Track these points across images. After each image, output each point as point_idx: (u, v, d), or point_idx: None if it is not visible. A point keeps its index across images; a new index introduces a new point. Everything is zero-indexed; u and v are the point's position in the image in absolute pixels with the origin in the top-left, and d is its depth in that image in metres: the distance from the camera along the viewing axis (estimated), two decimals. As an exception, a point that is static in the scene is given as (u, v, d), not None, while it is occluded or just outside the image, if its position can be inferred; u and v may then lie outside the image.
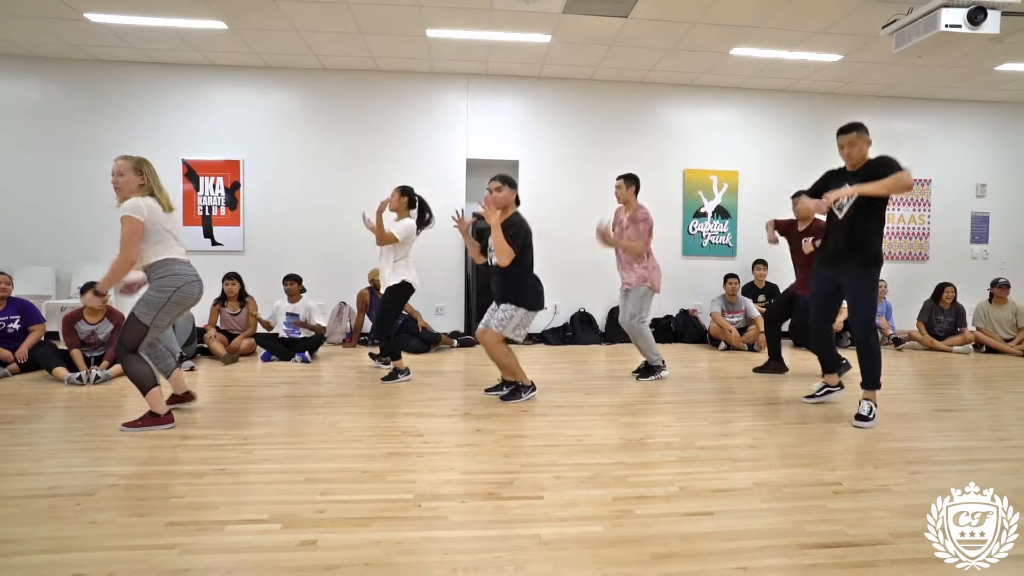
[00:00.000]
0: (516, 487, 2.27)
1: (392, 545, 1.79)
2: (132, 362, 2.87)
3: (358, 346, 5.80)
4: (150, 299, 2.83)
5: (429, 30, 4.96)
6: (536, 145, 6.22)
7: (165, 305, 2.84)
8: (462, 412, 3.39)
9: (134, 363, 2.88)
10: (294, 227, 6.02)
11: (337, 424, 3.09)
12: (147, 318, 2.83)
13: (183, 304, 2.90)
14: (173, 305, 2.86)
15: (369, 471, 2.42)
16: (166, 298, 2.83)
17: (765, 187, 6.56)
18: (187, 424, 3.04)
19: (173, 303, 2.86)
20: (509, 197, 3.50)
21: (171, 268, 2.85)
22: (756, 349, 5.70)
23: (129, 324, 2.85)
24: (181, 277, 2.87)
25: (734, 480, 2.36)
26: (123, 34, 5.03)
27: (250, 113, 5.93)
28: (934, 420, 3.30)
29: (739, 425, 3.16)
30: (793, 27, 4.81)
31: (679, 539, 1.85)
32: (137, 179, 2.88)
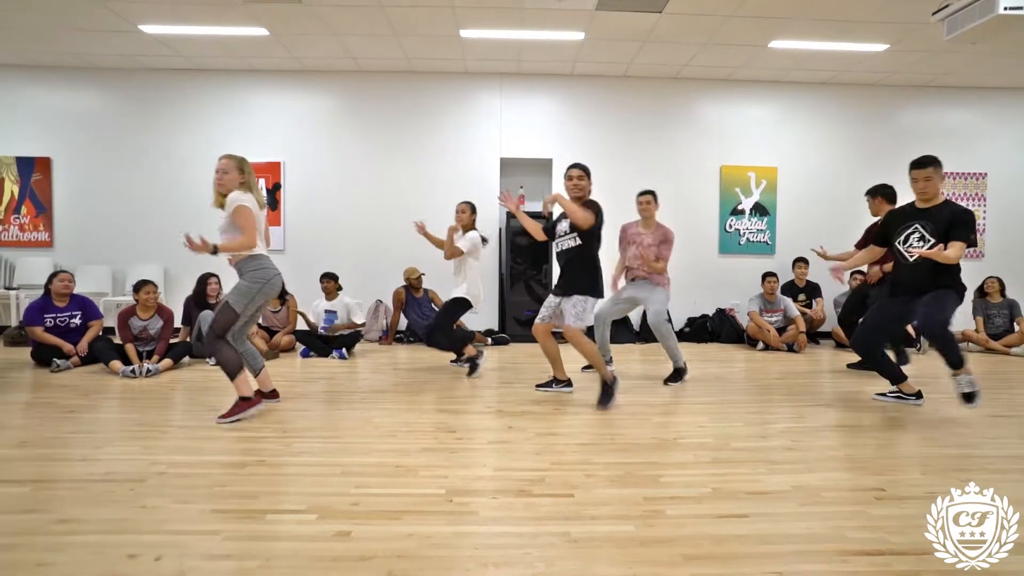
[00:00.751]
0: (547, 484, 2.27)
1: (424, 539, 1.82)
2: (221, 348, 3.05)
3: (394, 343, 5.91)
4: (244, 289, 3.01)
5: (462, 30, 5.01)
6: (570, 143, 6.20)
7: (256, 296, 3.04)
8: (495, 409, 3.41)
9: (223, 349, 3.05)
10: (332, 226, 6.17)
11: (372, 419, 3.16)
12: (240, 306, 3.01)
13: (268, 296, 3.10)
14: (261, 296, 3.07)
15: (403, 466, 2.47)
16: (257, 289, 3.03)
17: (806, 183, 6.36)
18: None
19: (262, 294, 3.06)
20: (589, 187, 3.56)
21: (261, 263, 3.06)
22: (796, 350, 5.53)
23: (222, 311, 3.02)
24: (270, 271, 3.08)
25: (770, 483, 2.30)
26: (171, 43, 5.27)
27: (290, 116, 6.11)
28: (988, 426, 3.14)
29: (776, 427, 3.09)
30: (835, 17, 4.64)
31: (711, 541, 1.83)
32: (239, 177, 3.05)
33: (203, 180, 6.06)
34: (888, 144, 6.40)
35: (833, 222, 6.41)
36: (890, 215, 3.46)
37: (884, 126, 6.40)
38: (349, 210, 6.15)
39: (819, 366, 4.95)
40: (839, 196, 6.41)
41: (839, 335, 5.75)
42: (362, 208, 6.15)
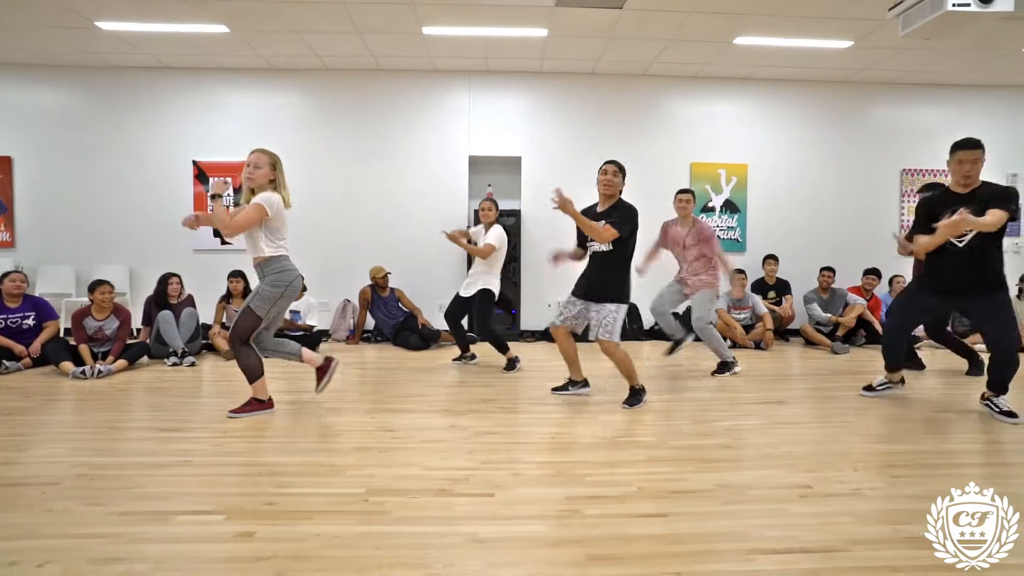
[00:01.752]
0: (471, 484, 2.25)
1: (328, 539, 1.79)
2: (245, 353, 3.03)
3: (361, 343, 5.87)
4: (266, 294, 2.97)
5: (425, 27, 4.97)
6: (539, 141, 6.17)
7: (279, 300, 3.00)
8: (442, 409, 3.38)
9: (247, 354, 3.04)
10: (301, 225, 6.07)
11: (314, 419, 3.13)
12: (263, 311, 2.98)
13: (291, 298, 3.08)
14: (284, 300, 3.03)
15: (330, 465, 2.44)
16: (279, 293, 2.99)
17: (776, 180, 6.34)
18: (171, 418, 3.12)
19: (285, 298, 3.03)
20: (621, 185, 3.41)
21: (284, 264, 3.01)
22: (763, 347, 5.52)
23: (244, 316, 2.98)
24: (292, 273, 3.04)
25: (697, 481, 2.28)
26: (132, 40, 5.21)
27: (257, 114, 6.05)
28: (932, 423, 3.13)
29: (721, 424, 3.06)
30: (796, 13, 4.62)
31: (621, 541, 1.80)
32: (270, 173, 3.01)
33: (169, 179, 6.03)
34: (858, 141, 6.40)
35: (804, 219, 6.41)
36: (930, 200, 3.20)
37: (854, 123, 6.40)
38: (317, 208, 6.09)
39: (782, 364, 4.94)
40: (810, 193, 6.40)
41: (808, 333, 5.74)
42: (330, 207, 6.10)
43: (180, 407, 3.35)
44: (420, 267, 6.12)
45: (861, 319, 5.73)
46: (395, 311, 5.72)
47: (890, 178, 6.42)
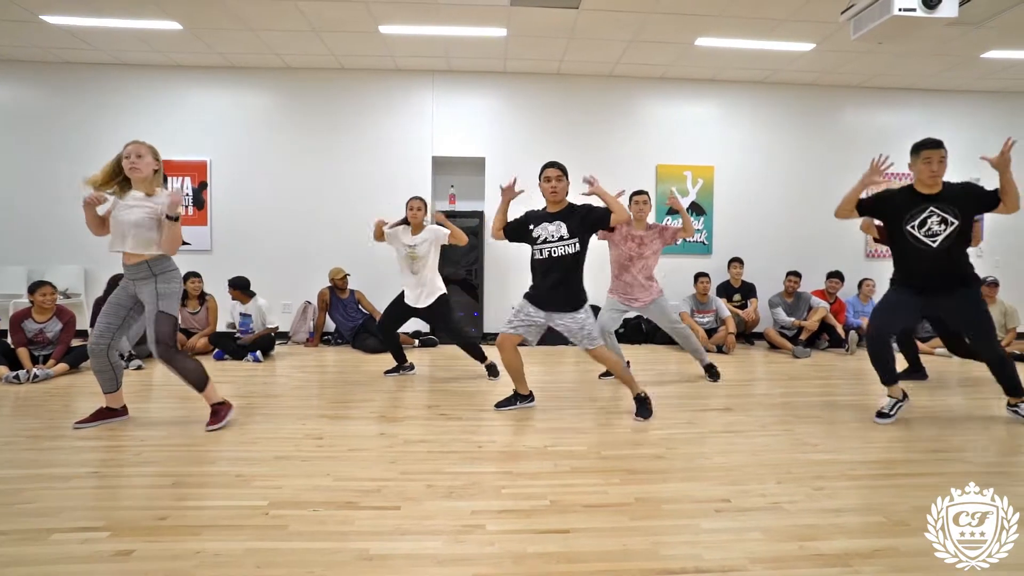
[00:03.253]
0: (381, 496, 2.18)
1: (210, 556, 1.72)
2: (181, 360, 2.96)
3: (321, 345, 5.78)
4: (169, 292, 2.92)
5: (382, 26, 4.89)
6: (503, 141, 6.11)
7: (178, 296, 2.99)
8: (378, 416, 3.31)
9: (183, 360, 2.97)
10: (260, 226, 6.03)
11: (244, 425, 3.05)
12: (173, 309, 2.94)
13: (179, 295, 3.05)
14: (179, 296, 3.01)
15: (242, 475, 2.37)
16: (178, 288, 2.98)
17: (743, 182, 6.32)
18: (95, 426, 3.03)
19: (179, 294, 3.01)
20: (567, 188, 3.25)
21: (172, 263, 2.99)
22: (725, 351, 5.48)
23: (161, 321, 2.87)
24: (179, 271, 3.04)
25: (616, 494, 2.23)
26: (83, 35, 5.09)
27: (217, 113, 5.95)
28: (875, 430, 3.09)
29: (659, 433, 3.01)
30: (754, 15, 4.59)
31: (513, 559, 1.74)
32: (154, 164, 2.90)
33: (127, 178, 5.90)
34: (825, 144, 6.39)
35: (770, 221, 6.39)
36: (888, 197, 3.13)
37: (821, 126, 6.38)
38: (277, 209, 6.01)
39: (741, 368, 4.90)
40: (776, 195, 6.38)
41: (771, 337, 5.71)
42: (291, 207, 6.01)
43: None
44: (382, 269, 6.02)
45: (825, 323, 5.71)
46: (354, 313, 5.64)
47: (856, 181, 6.39)
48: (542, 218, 3.26)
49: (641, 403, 3.28)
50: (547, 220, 3.23)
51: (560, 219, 3.21)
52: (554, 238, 3.18)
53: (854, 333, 5.52)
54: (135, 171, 2.84)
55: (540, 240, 3.22)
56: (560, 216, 3.22)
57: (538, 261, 3.25)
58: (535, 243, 3.24)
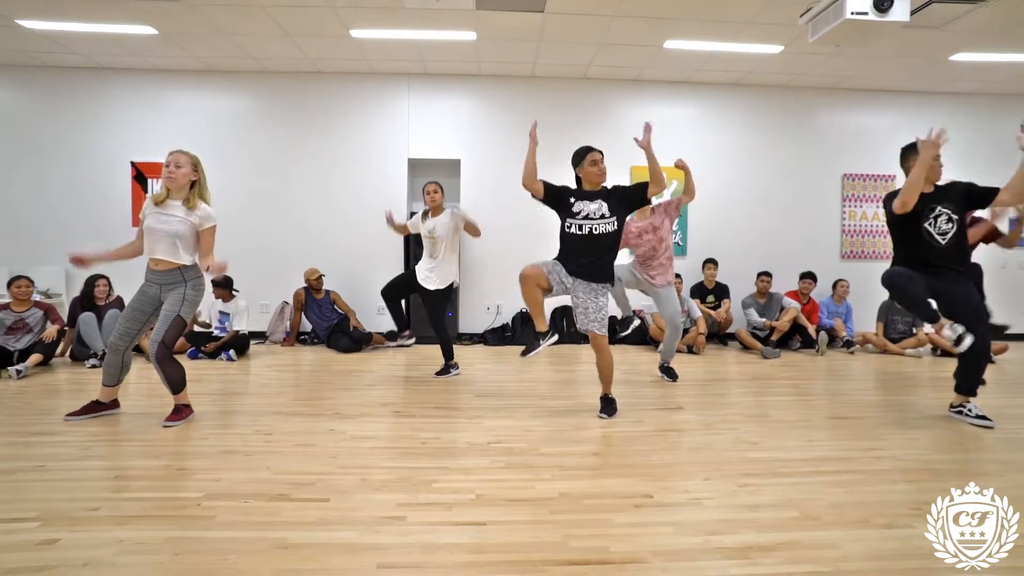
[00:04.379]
0: (314, 488, 2.25)
1: (130, 545, 1.79)
2: (172, 365, 3.04)
3: (297, 344, 5.86)
4: (192, 299, 3.04)
5: (352, 30, 4.96)
6: (479, 144, 6.18)
7: (197, 304, 3.11)
8: (333, 412, 3.38)
9: (174, 366, 3.06)
10: (240, 227, 6.08)
11: (199, 421, 3.12)
12: (189, 317, 3.06)
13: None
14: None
15: (185, 469, 2.44)
16: (200, 297, 3.10)
17: (718, 184, 6.36)
18: (52, 421, 3.10)
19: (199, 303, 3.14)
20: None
21: (199, 271, 3.10)
22: (695, 351, 5.53)
23: (175, 325, 2.98)
24: (205, 280, 3.17)
25: (542, 490, 2.28)
26: (61, 40, 5.18)
27: (196, 115, 6.04)
28: (821, 428, 3.14)
29: (603, 431, 3.06)
30: (717, 18, 4.64)
31: (421, 549, 1.80)
32: (192, 174, 3.00)
33: (107, 180, 5.99)
34: (800, 146, 6.44)
35: (745, 223, 6.43)
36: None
37: (796, 128, 6.43)
38: (256, 211, 6.09)
39: (708, 368, 4.96)
40: (752, 197, 6.43)
41: (743, 337, 5.76)
42: (270, 209, 6.10)
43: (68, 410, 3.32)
44: (358, 270, 6.12)
45: (797, 323, 5.76)
46: (329, 313, 5.71)
47: (831, 183, 6.46)
48: (583, 195, 3.29)
49: (608, 403, 3.35)
50: (587, 198, 3.26)
51: (601, 198, 3.26)
52: (596, 215, 3.21)
53: (824, 334, 5.56)
54: (171, 180, 2.94)
55: (581, 215, 3.23)
56: (600, 195, 3.28)
57: (575, 237, 3.24)
58: (575, 217, 3.24)
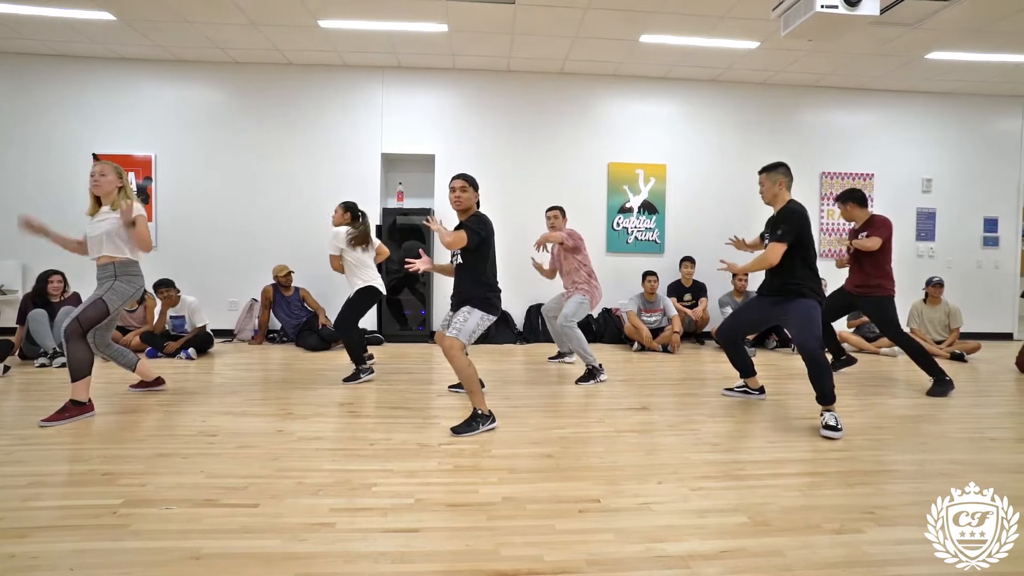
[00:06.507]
0: (246, 493, 2.14)
1: (25, 559, 1.67)
2: (81, 348, 3.03)
3: (265, 342, 5.72)
4: (121, 290, 3.12)
5: (320, 20, 4.83)
6: (454, 138, 6.06)
7: (128, 298, 3.16)
8: (285, 412, 3.26)
9: (83, 349, 3.04)
10: (206, 223, 5.95)
11: (139, 423, 2.99)
12: (114, 306, 3.10)
13: (133, 299, 3.22)
14: (129, 299, 3.18)
15: (110, 473, 2.31)
16: (132, 292, 3.16)
17: (695, 181, 6.30)
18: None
19: (131, 297, 3.18)
20: (473, 198, 3.15)
21: (138, 269, 3.22)
22: (670, 350, 5.46)
23: (94, 306, 3.04)
24: (141, 279, 3.24)
25: (486, 494, 2.19)
26: (11, 24, 4.99)
27: (162, 108, 5.87)
28: (786, 430, 3.06)
29: (560, 432, 2.97)
30: (691, 12, 4.56)
31: (344, 559, 1.70)
32: (117, 181, 3.16)
33: (67, 171, 5.80)
34: (778, 143, 6.38)
35: (722, 220, 6.36)
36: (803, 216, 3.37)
37: (774, 125, 6.37)
38: (224, 206, 5.94)
39: (679, 368, 4.87)
40: (729, 194, 6.36)
41: (718, 336, 5.69)
42: (238, 204, 5.94)
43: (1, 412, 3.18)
44: (329, 267, 5.97)
45: (773, 323, 5.69)
46: (298, 311, 5.58)
47: (809, 181, 6.41)
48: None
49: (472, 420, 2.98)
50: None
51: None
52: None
53: (799, 333, 5.50)
54: (96, 187, 3.10)
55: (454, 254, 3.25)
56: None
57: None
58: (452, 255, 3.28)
